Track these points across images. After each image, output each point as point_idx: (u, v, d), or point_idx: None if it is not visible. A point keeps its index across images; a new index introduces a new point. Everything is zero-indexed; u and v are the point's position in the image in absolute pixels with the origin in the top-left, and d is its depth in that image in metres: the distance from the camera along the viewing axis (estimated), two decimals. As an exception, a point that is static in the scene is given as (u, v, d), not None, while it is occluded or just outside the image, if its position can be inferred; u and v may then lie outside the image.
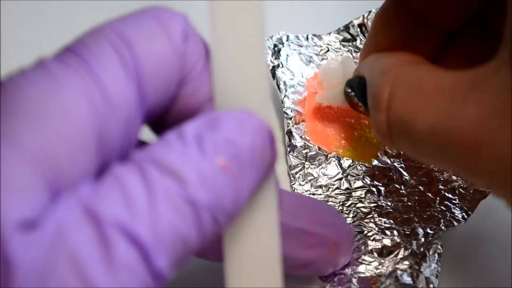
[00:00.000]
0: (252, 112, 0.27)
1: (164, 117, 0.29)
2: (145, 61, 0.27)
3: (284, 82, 0.43)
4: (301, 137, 0.41)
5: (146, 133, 0.29)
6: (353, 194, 0.40)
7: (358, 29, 0.45)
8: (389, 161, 0.41)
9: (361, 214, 0.39)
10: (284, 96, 0.42)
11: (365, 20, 0.45)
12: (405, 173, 0.40)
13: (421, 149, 0.29)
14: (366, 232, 0.38)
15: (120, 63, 0.26)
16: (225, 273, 0.28)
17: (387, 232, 0.38)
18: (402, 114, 0.29)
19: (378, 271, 0.37)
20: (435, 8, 0.34)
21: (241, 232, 0.28)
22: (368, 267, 0.37)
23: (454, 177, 0.39)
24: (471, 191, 0.39)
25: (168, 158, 0.25)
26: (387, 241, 0.38)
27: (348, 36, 0.45)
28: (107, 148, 0.26)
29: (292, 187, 0.40)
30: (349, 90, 0.37)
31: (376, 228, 0.38)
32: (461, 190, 0.39)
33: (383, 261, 0.37)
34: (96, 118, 0.25)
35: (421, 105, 0.28)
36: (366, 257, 0.38)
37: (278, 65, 0.43)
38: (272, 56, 0.44)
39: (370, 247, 0.38)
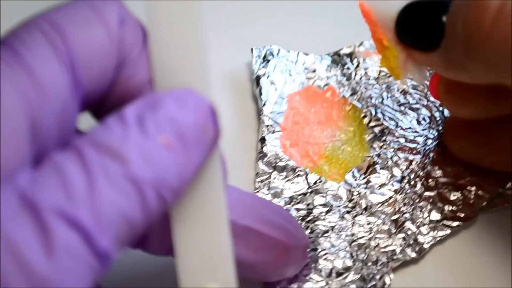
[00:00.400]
0: (193, 90, 0.27)
1: (104, 103, 0.29)
2: (79, 48, 0.27)
3: (267, 92, 0.43)
4: (273, 146, 0.41)
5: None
6: (314, 210, 0.40)
7: (348, 58, 0.45)
8: (355, 184, 0.41)
9: (318, 231, 0.39)
10: (264, 105, 0.43)
11: (355, 50, 0.45)
12: (370, 198, 0.40)
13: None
14: (319, 250, 0.38)
15: (53, 51, 0.27)
16: (175, 253, 0.29)
17: (341, 254, 0.38)
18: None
19: None
20: None
21: (188, 210, 0.28)
22: (314, 286, 0.37)
23: (419, 213, 0.40)
24: (433, 228, 0.39)
25: (108, 140, 0.25)
26: (338, 263, 0.38)
27: (337, 60, 0.45)
28: (42, 135, 0.26)
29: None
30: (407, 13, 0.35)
31: (331, 248, 0.38)
32: (423, 225, 0.39)
33: (330, 282, 0.37)
34: (28, 106, 0.25)
35: None
36: (314, 276, 0.38)
37: (264, 74, 0.44)
38: (260, 64, 0.44)
39: (320, 266, 0.38)
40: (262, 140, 0.41)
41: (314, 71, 0.45)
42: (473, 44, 0.32)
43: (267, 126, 0.42)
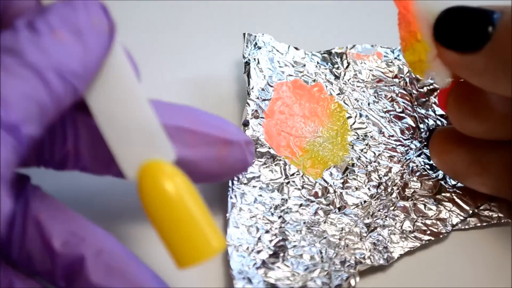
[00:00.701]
0: None
1: None
2: None
3: (256, 76, 0.42)
4: (255, 131, 0.40)
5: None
6: (289, 201, 0.39)
7: (339, 58, 0.45)
8: (332, 183, 0.40)
9: (290, 223, 0.38)
10: (252, 88, 0.42)
11: (347, 51, 0.45)
12: (345, 198, 0.39)
13: None
14: (289, 240, 0.37)
15: None
16: (107, 143, 0.31)
17: (310, 248, 0.37)
18: None
19: (288, 282, 0.36)
20: None
21: (105, 97, 0.31)
22: (278, 275, 0.36)
23: (392, 221, 0.39)
24: (403, 239, 0.38)
25: (4, 42, 0.28)
26: (306, 257, 0.37)
27: (328, 58, 0.45)
28: None
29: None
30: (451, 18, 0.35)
31: (301, 242, 0.37)
32: (394, 234, 0.38)
33: (296, 273, 0.36)
34: None
35: None
36: (281, 265, 0.36)
37: (254, 60, 0.43)
38: (250, 50, 0.43)
39: (288, 257, 0.37)
40: (246, 123, 0.40)
41: (304, 66, 0.44)
42: None
43: (252, 110, 0.41)
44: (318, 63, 0.44)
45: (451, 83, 0.36)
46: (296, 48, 0.45)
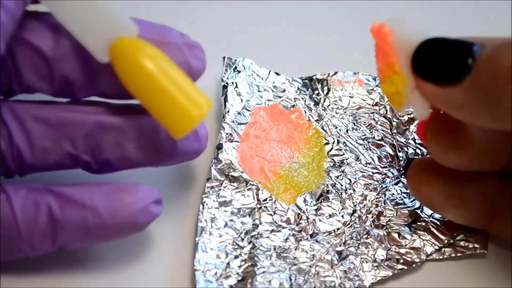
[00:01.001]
0: None
1: None
2: None
3: (233, 100, 0.42)
4: (229, 154, 0.40)
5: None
6: (260, 227, 0.38)
7: (319, 84, 0.44)
8: (305, 209, 0.39)
9: (261, 248, 0.38)
10: (227, 112, 0.41)
11: (328, 78, 0.45)
12: (318, 225, 0.39)
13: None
14: (258, 266, 0.37)
15: None
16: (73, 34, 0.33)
17: (279, 274, 0.37)
18: None
19: None
20: None
21: None
22: None
23: (364, 249, 0.38)
24: (376, 267, 0.38)
25: None
26: (275, 283, 0.36)
27: (308, 84, 0.44)
28: None
29: (202, 199, 0.39)
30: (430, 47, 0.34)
31: (270, 268, 0.37)
32: (366, 262, 0.38)
33: None
34: None
35: None
36: None
37: (232, 83, 0.43)
38: (229, 74, 0.43)
39: (256, 283, 0.36)
40: (219, 146, 0.40)
41: (284, 91, 0.44)
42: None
43: (227, 134, 0.41)
44: (298, 88, 0.44)
45: (430, 114, 0.36)
46: (277, 74, 0.44)
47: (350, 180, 0.41)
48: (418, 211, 0.40)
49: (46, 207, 0.33)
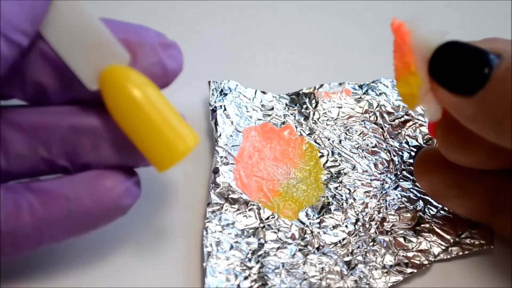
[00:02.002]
0: None
1: None
2: None
3: (223, 123, 0.42)
4: (226, 177, 0.40)
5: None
6: (266, 245, 0.38)
7: (307, 98, 0.44)
8: (308, 223, 0.39)
9: (270, 267, 0.37)
10: (219, 136, 0.41)
11: (315, 91, 0.45)
12: (323, 237, 0.39)
13: None
14: (269, 284, 0.37)
15: None
16: (64, 61, 0.32)
17: None
18: None
19: None
20: None
21: (54, 22, 0.32)
22: None
23: (372, 256, 0.38)
24: (385, 273, 0.38)
25: None
26: None
27: (296, 99, 0.44)
28: None
29: (205, 224, 0.38)
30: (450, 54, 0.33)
31: (281, 285, 0.37)
32: (375, 269, 0.38)
33: None
34: None
35: None
36: None
37: (221, 107, 0.42)
38: (216, 97, 0.43)
39: None
40: (216, 170, 0.40)
41: (272, 109, 0.44)
42: None
43: (221, 157, 0.41)
44: (286, 104, 0.44)
45: (442, 111, 0.36)
46: (264, 92, 0.44)
47: (349, 189, 0.41)
48: (421, 213, 0.40)
49: (28, 206, 0.32)
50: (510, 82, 0.31)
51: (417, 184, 0.41)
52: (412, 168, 0.41)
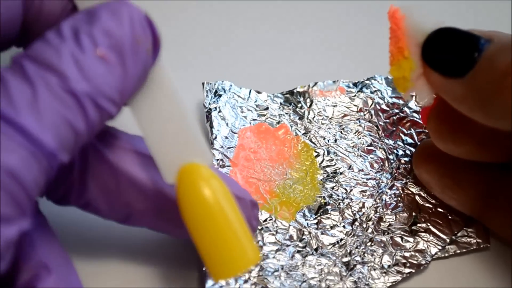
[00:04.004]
0: (127, 1, 0.29)
1: (30, 34, 0.32)
2: None
3: (218, 125, 0.42)
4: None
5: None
6: (264, 248, 0.38)
7: (301, 97, 0.44)
8: (306, 224, 0.39)
9: (269, 270, 0.37)
10: (215, 138, 0.41)
11: (309, 90, 0.45)
12: (321, 238, 0.39)
13: None
14: (269, 287, 0.37)
15: None
16: (148, 147, 0.31)
17: None
18: None
19: None
20: None
21: (147, 108, 0.31)
22: None
23: (370, 257, 0.38)
24: (384, 273, 0.38)
25: (46, 53, 0.27)
26: None
27: (290, 99, 0.44)
28: None
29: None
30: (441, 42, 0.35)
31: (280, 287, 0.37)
32: (374, 269, 0.38)
33: None
34: None
35: None
36: None
37: (215, 109, 0.42)
38: (211, 99, 0.43)
39: None
40: (212, 174, 0.40)
41: (267, 108, 0.44)
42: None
43: (217, 160, 0.40)
44: (281, 104, 0.44)
45: (434, 100, 0.37)
46: (258, 92, 0.44)
47: (345, 189, 0.41)
48: (415, 213, 0.40)
49: None
50: (497, 62, 0.32)
51: (412, 182, 0.41)
52: (407, 166, 0.42)
